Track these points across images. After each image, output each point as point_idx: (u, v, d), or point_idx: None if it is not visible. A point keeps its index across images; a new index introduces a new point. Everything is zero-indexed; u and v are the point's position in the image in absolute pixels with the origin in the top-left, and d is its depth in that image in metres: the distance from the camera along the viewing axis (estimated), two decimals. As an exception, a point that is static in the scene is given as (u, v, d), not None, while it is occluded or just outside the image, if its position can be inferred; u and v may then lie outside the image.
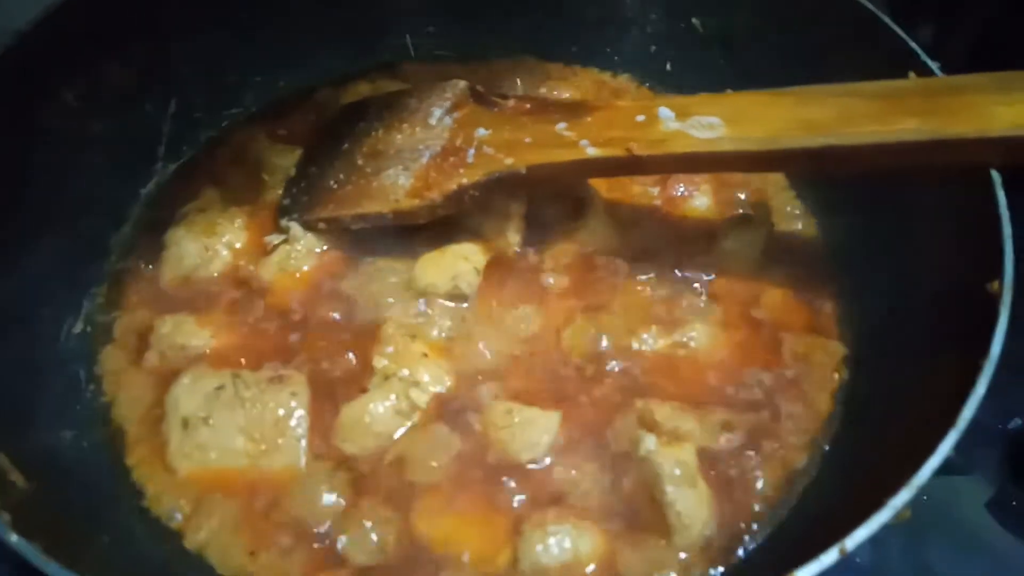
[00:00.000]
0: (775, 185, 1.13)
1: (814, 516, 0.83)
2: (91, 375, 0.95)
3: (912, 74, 0.91)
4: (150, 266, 1.03)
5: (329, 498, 0.83)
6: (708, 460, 0.87)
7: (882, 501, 0.65)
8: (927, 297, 0.90)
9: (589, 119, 0.98)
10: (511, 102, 1.06)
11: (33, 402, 0.86)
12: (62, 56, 0.98)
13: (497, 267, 1.03)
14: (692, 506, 0.82)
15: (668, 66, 1.28)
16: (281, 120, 1.23)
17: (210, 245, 1.03)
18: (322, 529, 0.82)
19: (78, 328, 0.98)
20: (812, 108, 0.89)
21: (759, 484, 0.87)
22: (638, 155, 0.92)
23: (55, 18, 0.94)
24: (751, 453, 0.89)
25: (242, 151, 1.17)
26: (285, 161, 1.14)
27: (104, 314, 1.00)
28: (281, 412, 0.87)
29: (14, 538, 0.59)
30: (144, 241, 1.06)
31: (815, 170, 0.93)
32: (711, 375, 0.95)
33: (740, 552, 0.82)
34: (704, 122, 0.92)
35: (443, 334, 0.97)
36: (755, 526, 0.84)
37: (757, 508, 0.85)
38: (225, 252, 1.04)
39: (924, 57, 0.92)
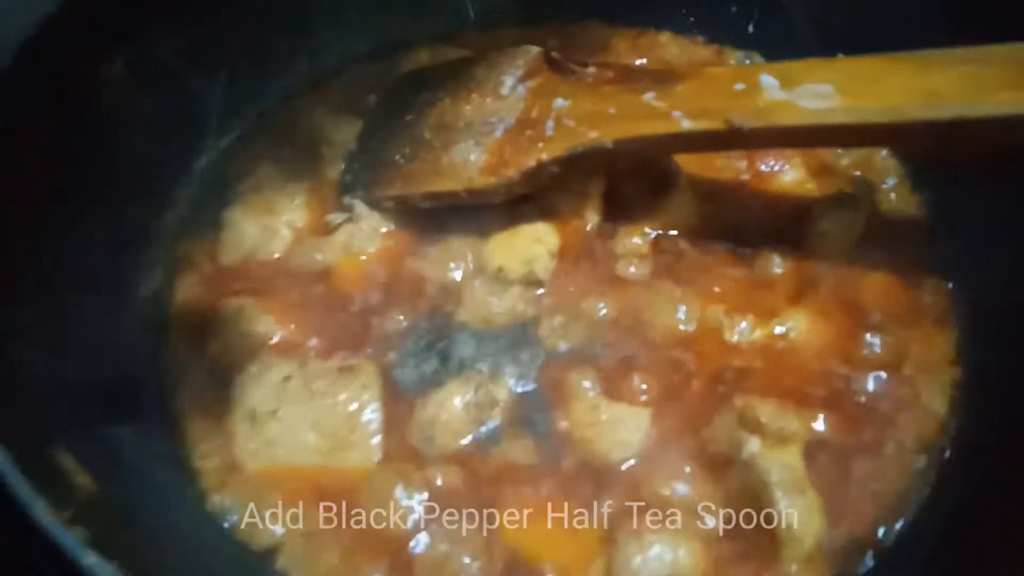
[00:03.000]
0: (877, 157, 1.03)
1: (939, 529, 0.75)
2: (151, 365, 0.89)
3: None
4: (208, 248, 0.98)
5: (407, 502, 0.77)
6: (814, 464, 0.79)
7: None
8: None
9: (680, 88, 0.90)
10: (591, 69, 0.98)
11: (90, 396, 0.80)
12: (107, 24, 0.91)
13: (573, 247, 0.96)
14: (803, 515, 0.75)
15: (750, 28, 1.17)
16: (337, 90, 1.15)
17: (269, 225, 0.98)
18: (400, 536, 0.76)
19: (136, 314, 0.92)
20: (936, 75, 0.80)
21: (871, 491, 0.79)
22: (739, 128, 0.84)
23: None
24: (860, 457, 0.81)
25: (298, 124, 1.10)
26: (344, 134, 1.07)
27: (162, 299, 0.94)
28: (353, 406, 0.82)
29: (92, 560, 0.53)
30: (199, 222, 1.00)
31: (940, 146, 0.84)
32: (812, 369, 0.87)
33: (856, 566, 0.75)
34: (814, 90, 0.83)
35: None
36: (870, 538, 0.77)
37: (872, 518, 0.78)
38: (286, 232, 0.98)
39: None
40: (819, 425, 0.82)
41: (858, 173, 1.01)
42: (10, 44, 0.80)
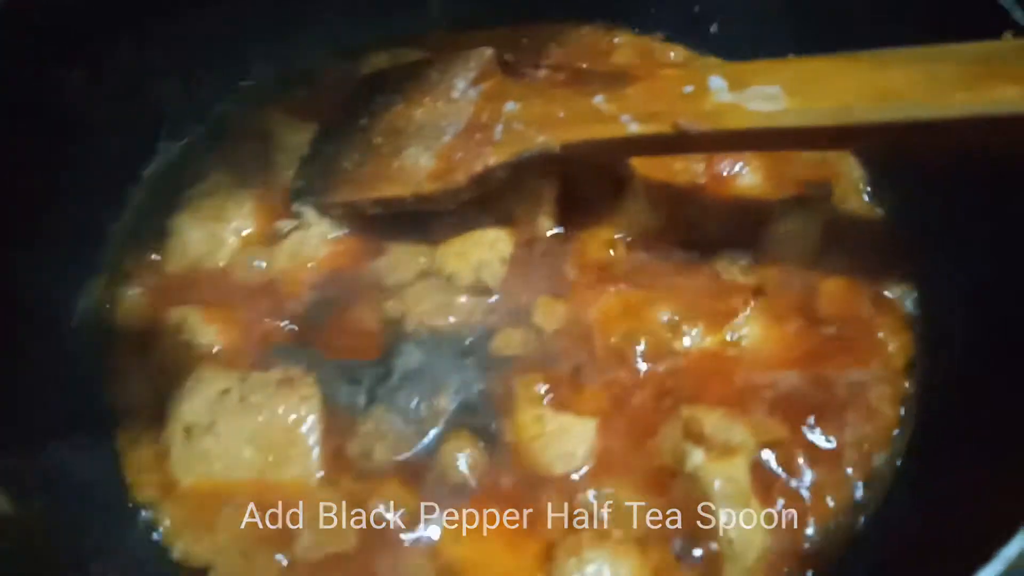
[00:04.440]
0: (836, 159, 1.01)
1: (887, 542, 0.73)
2: (89, 375, 0.88)
3: (1008, 34, 0.78)
4: (153, 255, 0.96)
5: (345, 519, 0.75)
6: (760, 476, 0.78)
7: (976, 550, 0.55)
8: (1017, 287, 0.79)
9: (630, 91, 0.88)
10: (543, 72, 0.96)
11: (25, 407, 0.79)
12: (55, 29, 0.89)
13: (526, 253, 0.94)
14: (744, 530, 0.73)
15: (714, 28, 1.15)
16: (292, 95, 1.13)
17: (217, 232, 0.96)
18: (339, 553, 0.75)
19: (76, 322, 0.91)
20: (890, 74, 0.78)
21: (818, 505, 0.77)
22: (686, 131, 0.82)
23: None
24: (808, 469, 0.80)
25: (252, 128, 1.08)
26: (298, 138, 1.06)
27: (104, 307, 0.93)
28: (291, 418, 0.80)
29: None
30: (146, 228, 0.99)
31: (894, 148, 0.82)
32: (763, 377, 0.85)
33: (799, 582, 0.74)
34: (762, 92, 0.81)
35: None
36: (812, 555, 0.75)
37: (816, 534, 0.76)
38: (233, 239, 0.96)
39: (1020, 15, 0.79)
40: (767, 433, 0.80)
41: (816, 177, 0.98)
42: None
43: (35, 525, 0.66)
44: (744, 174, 1.00)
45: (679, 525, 0.75)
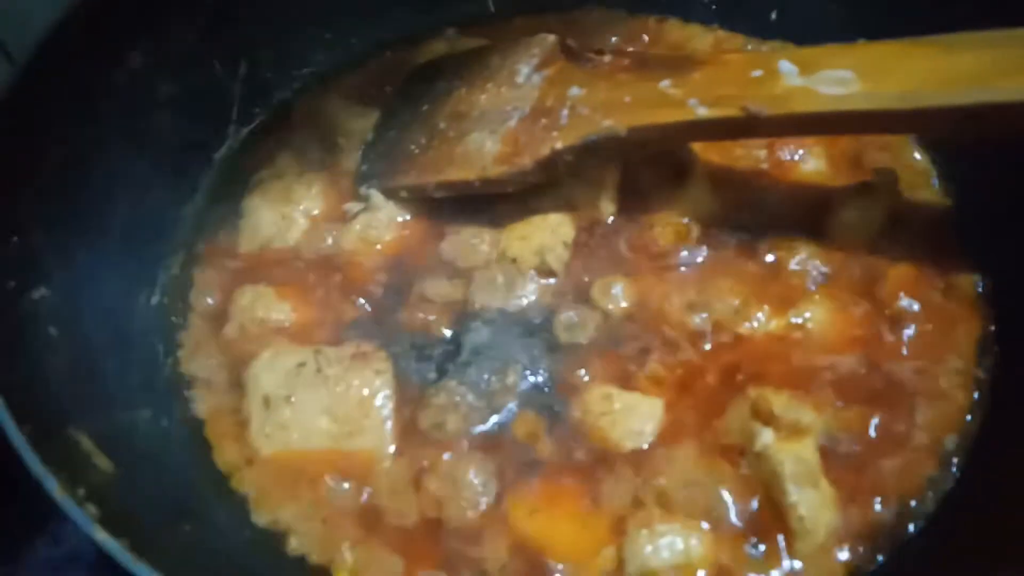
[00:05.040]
0: (900, 145, 1.01)
1: (958, 525, 0.74)
2: (168, 350, 0.91)
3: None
4: (226, 236, 0.99)
5: (415, 490, 0.78)
6: (829, 457, 0.78)
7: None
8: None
9: (697, 75, 0.89)
10: (607, 58, 0.97)
11: (110, 380, 0.82)
12: (127, 16, 0.92)
13: (589, 238, 0.95)
14: (816, 508, 0.74)
15: (773, 15, 1.15)
16: (354, 81, 1.16)
17: (287, 213, 0.99)
18: (411, 523, 0.77)
19: (155, 300, 0.94)
20: (961, 58, 0.78)
21: (889, 485, 0.78)
22: (756, 115, 0.82)
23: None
24: (878, 450, 0.80)
25: (316, 114, 1.11)
26: (361, 124, 1.08)
27: (181, 285, 0.96)
28: (365, 391, 0.82)
29: (101, 535, 0.55)
30: (219, 210, 1.02)
31: (964, 131, 0.81)
32: (829, 361, 0.85)
33: (870, 561, 0.74)
34: (833, 76, 0.81)
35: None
36: (886, 532, 0.75)
37: (886, 514, 0.76)
38: (303, 220, 0.99)
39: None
40: (836, 417, 0.81)
41: (881, 163, 0.98)
42: (35, 33, 0.82)
43: (133, 486, 0.68)
44: (807, 160, 1.00)
45: (749, 502, 0.75)
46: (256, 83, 1.12)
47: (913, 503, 0.77)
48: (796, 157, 1.01)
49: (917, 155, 1.01)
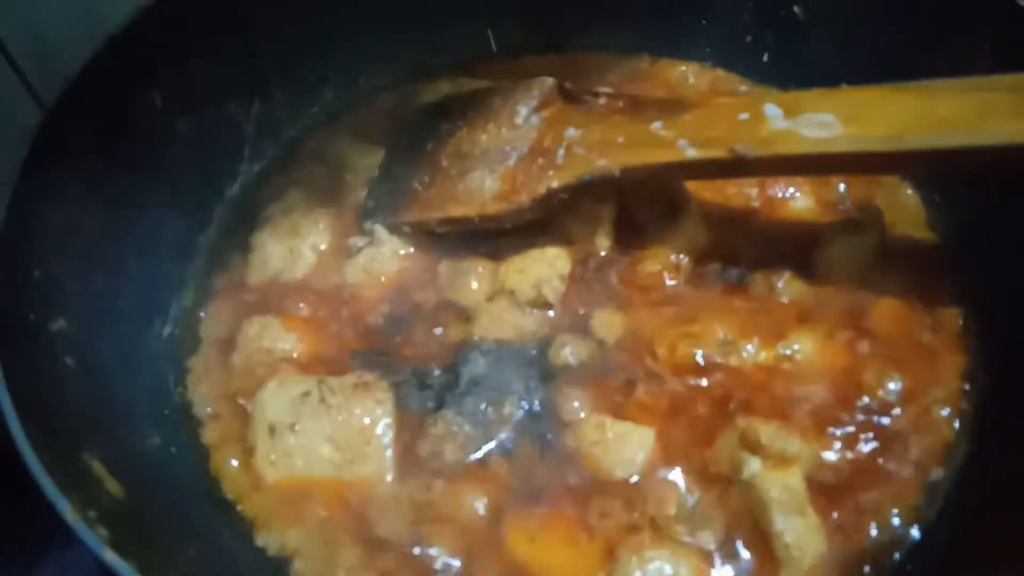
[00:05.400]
0: (886, 182, 1.04)
1: (941, 555, 0.75)
2: (179, 378, 0.94)
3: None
4: (237, 269, 1.02)
5: (416, 515, 0.80)
6: (816, 486, 0.80)
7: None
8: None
9: (687, 117, 0.93)
10: (602, 100, 1.01)
11: (122, 407, 0.85)
12: (149, 57, 0.97)
13: (584, 271, 0.99)
14: (802, 536, 0.76)
15: (765, 57, 1.20)
16: (361, 119, 1.20)
17: (294, 247, 1.02)
18: (411, 548, 0.79)
19: (167, 331, 0.98)
20: (941, 103, 0.81)
21: (874, 514, 0.80)
22: (742, 156, 0.86)
23: (144, 20, 0.93)
24: (865, 479, 0.82)
25: (324, 151, 1.15)
26: (368, 161, 1.12)
27: (192, 317, 0.99)
28: (367, 420, 0.85)
29: (110, 556, 0.58)
30: (230, 243, 1.05)
31: (944, 173, 0.85)
32: (817, 392, 0.88)
33: (855, 589, 0.76)
34: (817, 120, 0.85)
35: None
36: (872, 561, 0.77)
37: (871, 543, 0.78)
38: (310, 254, 1.02)
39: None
40: (823, 446, 0.83)
41: (866, 200, 1.01)
42: (60, 72, 0.87)
43: (141, 510, 0.71)
44: (796, 197, 1.03)
45: (736, 529, 0.78)
46: (267, 121, 1.16)
47: (898, 533, 0.79)
48: (786, 195, 1.04)
49: (903, 191, 1.04)
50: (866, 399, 0.87)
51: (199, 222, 1.07)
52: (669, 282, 0.97)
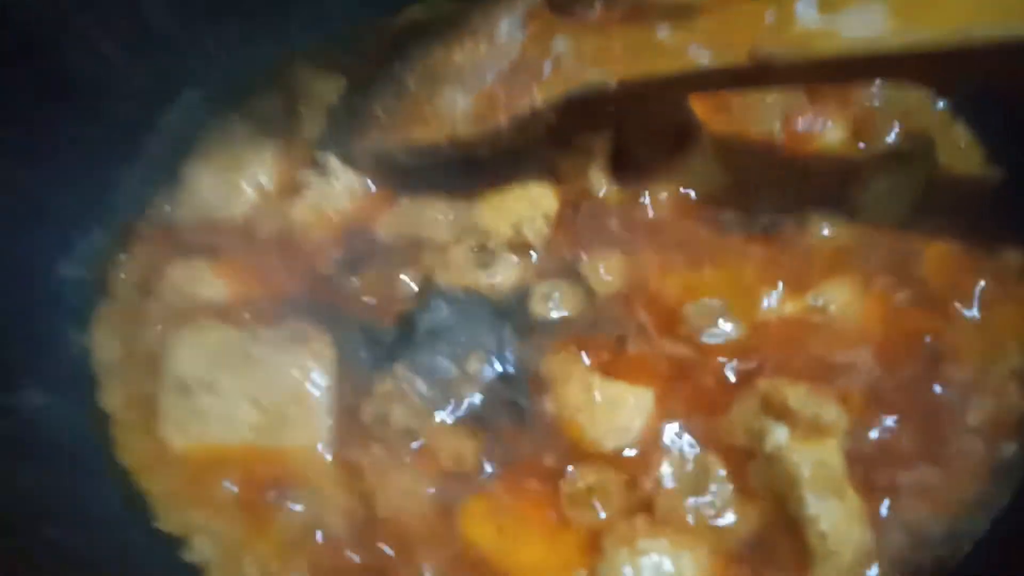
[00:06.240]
0: (933, 110, 0.88)
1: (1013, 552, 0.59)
2: (79, 329, 0.80)
3: None
4: (162, 206, 0.88)
5: (350, 496, 0.65)
6: (857, 463, 0.64)
7: None
8: None
9: (700, 21, 0.78)
10: (597, 8, 0.86)
11: (8, 357, 0.70)
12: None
13: (574, 212, 0.84)
14: (840, 523, 0.61)
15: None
16: (325, 49, 1.05)
17: (233, 181, 0.89)
18: (342, 533, 0.63)
19: (70, 273, 0.83)
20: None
21: (931, 497, 0.64)
22: (768, 61, 0.70)
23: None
24: (915, 455, 0.66)
25: (278, 78, 1.00)
26: (325, 88, 0.97)
27: (103, 259, 0.85)
28: (299, 377, 0.70)
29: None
30: (159, 177, 0.91)
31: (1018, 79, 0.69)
32: (856, 349, 0.72)
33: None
34: (860, 13, 0.69)
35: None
36: (928, 554, 0.61)
37: (931, 530, 0.63)
38: (250, 190, 0.89)
39: None
40: (864, 415, 0.67)
41: (915, 129, 0.85)
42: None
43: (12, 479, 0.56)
44: (828, 129, 0.88)
45: (757, 515, 0.62)
46: (218, 47, 1.02)
47: (962, 522, 0.63)
48: (816, 128, 0.88)
49: (953, 120, 0.88)
50: (917, 359, 0.72)
51: (124, 152, 0.92)
52: (675, 225, 0.82)
